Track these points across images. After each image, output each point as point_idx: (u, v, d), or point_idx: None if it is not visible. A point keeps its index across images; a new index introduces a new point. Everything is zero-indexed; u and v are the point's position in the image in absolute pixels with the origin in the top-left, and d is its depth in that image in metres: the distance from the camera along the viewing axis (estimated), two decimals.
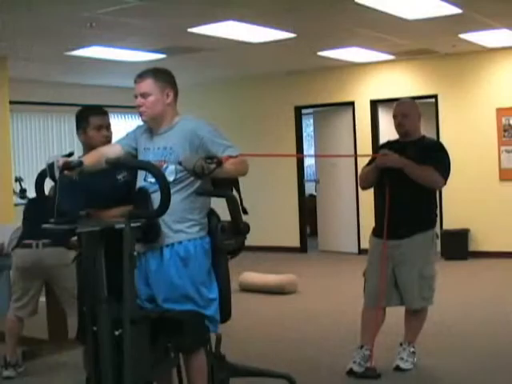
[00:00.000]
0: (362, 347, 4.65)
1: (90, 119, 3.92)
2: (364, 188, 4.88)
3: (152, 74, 3.44)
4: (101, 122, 3.95)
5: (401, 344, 4.74)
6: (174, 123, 3.45)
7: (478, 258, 9.43)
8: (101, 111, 4.02)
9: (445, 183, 4.56)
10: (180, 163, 3.20)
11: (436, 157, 4.53)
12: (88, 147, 3.84)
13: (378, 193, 4.75)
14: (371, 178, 4.66)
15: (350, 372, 4.59)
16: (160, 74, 3.47)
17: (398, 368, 4.63)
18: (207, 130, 3.42)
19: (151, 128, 3.50)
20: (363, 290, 4.75)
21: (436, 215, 4.74)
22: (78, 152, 3.86)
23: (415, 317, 4.69)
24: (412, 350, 4.70)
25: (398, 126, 4.65)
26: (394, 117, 4.66)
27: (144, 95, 3.41)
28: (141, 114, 3.45)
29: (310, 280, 8.41)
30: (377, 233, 4.70)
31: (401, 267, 4.58)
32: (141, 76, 3.45)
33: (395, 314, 4.84)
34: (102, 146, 3.69)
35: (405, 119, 4.61)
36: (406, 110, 4.64)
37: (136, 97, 3.44)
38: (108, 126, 3.98)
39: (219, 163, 3.16)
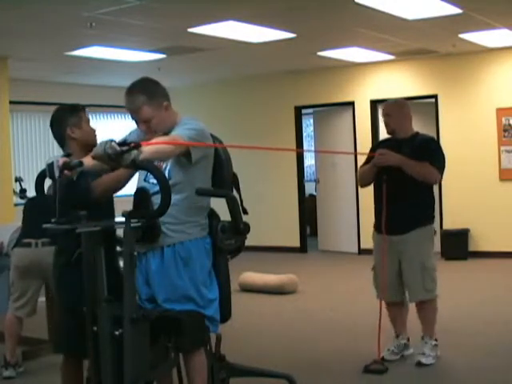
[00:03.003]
0: (397, 336, 4.87)
1: (82, 114, 3.75)
2: (363, 186, 5.05)
3: (143, 97, 3.31)
4: (88, 117, 3.81)
5: (422, 338, 4.82)
6: (174, 125, 3.40)
7: (478, 258, 9.43)
8: (83, 107, 3.88)
9: (441, 178, 4.74)
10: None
11: (431, 152, 4.71)
12: (82, 144, 3.63)
13: (377, 189, 4.87)
14: (369, 175, 4.83)
15: (382, 360, 4.73)
16: (149, 92, 3.34)
17: (419, 364, 4.71)
18: (184, 122, 3.37)
19: None
20: (373, 283, 4.92)
21: (433, 210, 4.86)
22: None
23: (423, 309, 4.80)
24: (434, 343, 4.79)
25: (385, 125, 4.90)
26: (382, 117, 4.93)
27: (146, 121, 3.35)
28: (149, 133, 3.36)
29: (310, 280, 8.41)
30: (377, 228, 4.84)
31: (404, 261, 4.72)
32: (132, 102, 3.32)
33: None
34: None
35: (388, 118, 4.84)
36: (388, 109, 4.89)
37: (134, 119, 3.37)
38: None
39: (137, 146, 2.91)
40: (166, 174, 3.26)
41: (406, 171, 4.59)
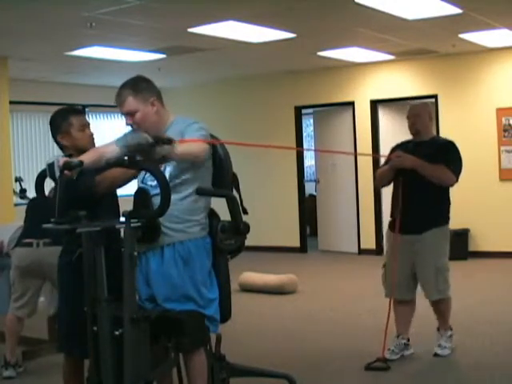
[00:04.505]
0: (398, 336, 4.91)
1: (73, 120, 3.69)
2: (379, 187, 5.34)
3: (130, 91, 3.32)
4: (84, 121, 3.76)
5: (438, 329, 4.97)
6: (168, 125, 3.40)
7: (478, 258, 9.44)
8: (80, 110, 3.88)
9: (457, 180, 4.84)
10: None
11: (448, 155, 4.85)
12: (74, 150, 3.61)
13: (394, 191, 4.97)
14: (387, 177, 4.97)
15: (383, 359, 4.75)
16: (137, 87, 3.34)
17: (436, 355, 4.85)
18: (188, 122, 3.37)
19: None
20: (383, 280, 4.99)
21: (449, 211, 4.95)
22: None
23: (437, 308, 4.92)
24: (449, 333, 4.95)
25: (411, 126, 4.97)
26: (408, 118, 4.99)
27: (130, 113, 3.33)
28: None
29: (310, 280, 8.41)
30: (393, 227, 4.92)
31: (419, 261, 4.81)
32: (119, 96, 3.34)
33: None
34: (98, 146, 3.57)
35: (417, 119, 4.93)
36: (418, 110, 4.99)
37: (124, 115, 3.37)
38: (89, 125, 3.79)
39: (170, 141, 3.01)
40: (167, 174, 3.26)
41: (420, 173, 4.69)
